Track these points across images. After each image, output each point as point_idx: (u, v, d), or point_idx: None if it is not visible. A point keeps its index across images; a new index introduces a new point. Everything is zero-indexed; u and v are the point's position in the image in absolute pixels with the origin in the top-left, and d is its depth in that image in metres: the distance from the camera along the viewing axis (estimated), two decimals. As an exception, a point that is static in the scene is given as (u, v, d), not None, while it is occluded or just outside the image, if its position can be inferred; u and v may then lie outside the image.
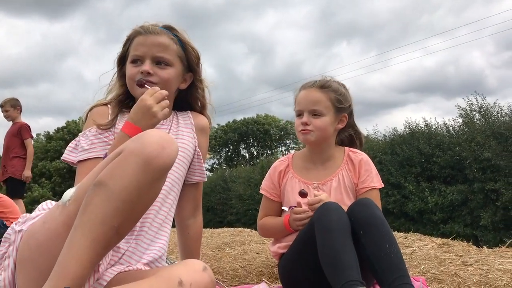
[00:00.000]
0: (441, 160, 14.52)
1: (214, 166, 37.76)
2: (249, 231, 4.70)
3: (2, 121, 5.55)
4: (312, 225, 1.70)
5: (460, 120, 15.44)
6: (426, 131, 15.81)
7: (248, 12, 75.34)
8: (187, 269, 1.24)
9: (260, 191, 2.10)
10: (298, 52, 73.56)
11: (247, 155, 39.54)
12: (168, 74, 1.63)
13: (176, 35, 1.68)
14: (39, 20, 74.35)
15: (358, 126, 2.13)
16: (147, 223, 1.53)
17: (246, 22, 74.25)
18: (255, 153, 39.14)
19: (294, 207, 1.91)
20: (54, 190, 31.91)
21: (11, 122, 5.47)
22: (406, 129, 16.51)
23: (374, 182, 1.97)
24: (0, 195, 3.87)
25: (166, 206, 1.61)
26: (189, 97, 1.80)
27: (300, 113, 2.01)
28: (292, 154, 2.14)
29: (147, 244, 1.52)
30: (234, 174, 24.14)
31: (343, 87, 2.05)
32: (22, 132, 5.30)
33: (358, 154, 2.03)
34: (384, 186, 2.04)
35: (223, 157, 39.40)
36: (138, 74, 1.61)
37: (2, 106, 5.39)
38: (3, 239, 1.37)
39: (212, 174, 27.72)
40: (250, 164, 31.98)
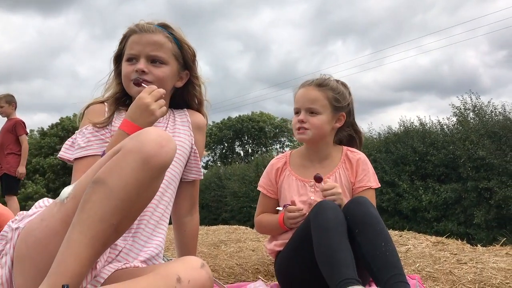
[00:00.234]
0: (435, 158, 14.58)
1: (209, 164, 37.72)
2: (244, 229, 4.69)
3: (-4, 117, 5.51)
4: (308, 223, 1.71)
5: (454, 119, 15.51)
6: (421, 130, 15.86)
7: (243, 9, 75.31)
8: (185, 266, 1.25)
9: (257, 188, 2.11)
10: (293, 50, 73.67)
11: (242, 153, 39.54)
12: (163, 72, 1.63)
13: (171, 33, 1.67)
14: (34, 15, 73.93)
15: (359, 123, 2.14)
16: (144, 221, 1.53)
17: (241, 19, 74.22)
18: (250, 150, 39.13)
19: (288, 205, 1.92)
20: (48, 186, 31.76)
21: (5, 119, 5.45)
22: (401, 127, 16.57)
23: (371, 181, 1.98)
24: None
25: (163, 204, 1.61)
26: (185, 94, 1.80)
27: (297, 111, 2.01)
28: (289, 152, 2.15)
29: (144, 241, 1.52)
30: (229, 172, 24.13)
31: (343, 86, 2.05)
32: (17, 128, 5.29)
33: (355, 154, 2.03)
34: (380, 186, 2.04)
35: (218, 154, 39.37)
36: (133, 72, 1.61)
37: None
38: (0, 237, 1.36)
39: (207, 171, 27.65)
40: (245, 161, 31.98)
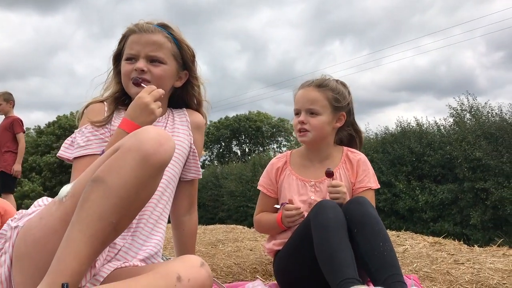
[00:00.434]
0: (431, 159, 14.61)
1: (206, 163, 37.69)
2: (241, 228, 4.70)
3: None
4: (308, 222, 1.71)
5: (451, 119, 15.55)
6: (418, 130, 15.89)
7: (241, 9, 75.26)
8: (185, 264, 1.25)
9: (257, 187, 2.12)
10: (291, 50, 73.68)
11: (239, 152, 39.54)
12: (161, 71, 1.64)
13: (170, 33, 1.68)
14: (31, 13, 73.69)
15: (358, 124, 2.14)
16: (144, 220, 1.54)
17: (239, 19, 74.16)
18: (247, 150, 39.14)
19: (286, 204, 1.92)
20: (44, 185, 31.70)
21: (3, 116, 5.43)
22: (398, 128, 16.61)
23: (371, 182, 1.99)
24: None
25: (162, 203, 1.61)
26: (184, 94, 1.81)
27: (297, 112, 2.02)
28: (290, 151, 2.15)
29: (143, 240, 1.52)
30: (226, 171, 24.12)
31: (342, 86, 2.05)
32: (14, 126, 5.28)
33: (356, 154, 2.04)
34: (380, 186, 2.05)
35: (215, 153, 39.35)
36: (132, 71, 1.62)
37: None
38: None
39: (203, 170, 27.62)
40: (242, 161, 31.96)
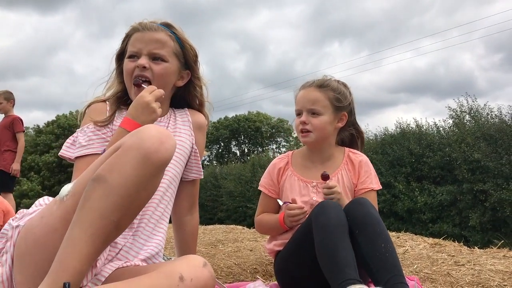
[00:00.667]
0: (431, 160, 14.64)
1: (205, 163, 37.67)
2: (241, 229, 4.70)
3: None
4: (309, 223, 1.71)
5: (450, 121, 15.60)
6: (417, 132, 15.92)
7: (241, 10, 75.31)
8: (188, 264, 1.25)
9: (258, 188, 2.11)
10: (290, 50, 73.77)
11: (238, 152, 39.55)
12: (162, 69, 1.64)
13: (174, 33, 1.68)
14: (31, 13, 73.69)
15: (360, 124, 2.14)
16: (145, 219, 1.53)
17: (239, 19, 74.20)
18: (246, 150, 39.15)
19: (289, 203, 1.91)
20: (43, 184, 31.70)
21: (2, 115, 5.43)
22: (397, 129, 16.64)
23: (373, 183, 1.99)
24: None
25: (163, 203, 1.61)
26: (186, 94, 1.80)
27: (299, 112, 2.01)
28: (291, 152, 2.14)
29: (144, 240, 1.52)
30: (225, 171, 24.14)
31: (343, 86, 2.05)
32: (14, 125, 5.27)
33: (358, 155, 2.04)
34: (381, 187, 2.05)
35: (214, 154, 39.35)
36: (134, 69, 1.62)
37: None
38: (1, 235, 1.36)
39: (203, 170, 27.61)
40: (241, 161, 31.99)
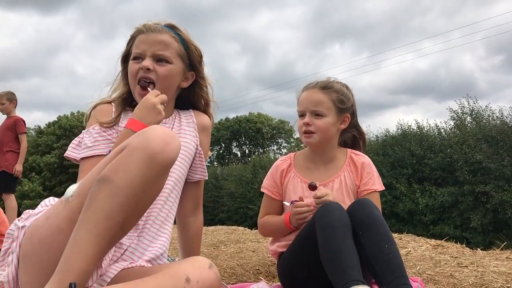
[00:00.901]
0: (432, 162, 14.64)
1: (206, 164, 37.61)
2: (243, 230, 4.70)
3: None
4: (312, 224, 1.71)
5: (451, 122, 15.60)
6: (418, 133, 15.93)
7: (242, 11, 75.37)
8: (194, 266, 1.26)
9: (261, 190, 2.11)
10: (291, 52, 73.71)
11: (239, 153, 39.56)
12: (167, 70, 1.64)
13: (178, 34, 1.68)
14: (32, 13, 73.75)
15: (361, 126, 2.14)
16: (150, 220, 1.54)
17: (240, 21, 74.25)
18: (247, 151, 39.15)
19: (296, 202, 1.91)
20: (44, 184, 31.70)
21: (5, 116, 5.44)
22: (398, 130, 16.65)
23: (376, 184, 1.99)
24: None
25: (168, 204, 1.61)
26: (191, 95, 1.81)
27: (302, 113, 2.01)
28: (294, 153, 2.14)
29: (149, 241, 1.52)
30: (226, 172, 24.16)
31: (346, 88, 2.06)
32: (17, 126, 5.28)
33: (360, 157, 2.04)
34: (384, 188, 2.05)
35: (215, 155, 39.35)
36: (138, 70, 1.63)
37: None
38: (6, 235, 1.37)
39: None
40: (242, 162, 31.99)
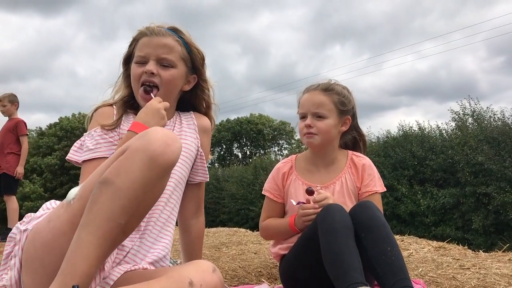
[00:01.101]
0: (433, 163, 14.62)
1: (207, 165, 37.62)
2: (244, 231, 4.70)
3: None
4: (314, 226, 1.71)
5: (453, 124, 15.58)
6: (419, 134, 15.91)
7: (243, 12, 75.41)
8: (197, 270, 1.25)
9: (263, 193, 2.10)
10: (292, 53, 73.75)
11: (240, 155, 39.56)
12: (170, 75, 1.65)
13: (181, 37, 1.69)
14: (33, 15, 73.87)
15: (361, 127, 2.15)
16: (152, 222, 1.54)
17: (240, 22, 74.30)
18: (248, 152, 39.14)
19: (303, 203, 1.90)
20: (45, 186, 31.69)
21: (6, 118, 5.45)
22: (400, 131, 16.64)
23: (377, 186, 1.99)
24: None
25: (169, 205, 1.61)
26: (193, 98, 1.81)
27: (303, 115, 2.01)
28: (295, 156, 2.14)
29: (151, 243, 1.52)
30: (227, 174, 24.16)
31: (346, 90, 2.06)
32: (18, 128, 5.28)
33: (361, 159, 2.04)
34: (385, 190, 2.05)
35: (216, 156, 39.35)
36: (142, 74, 1.63)
37: (0, 100, 5.35)
38: (8, 239, 1.37)
39: (205, 173, 27.53)
40: (243, 163, 31.98)
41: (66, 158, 1.63)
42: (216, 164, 38.36)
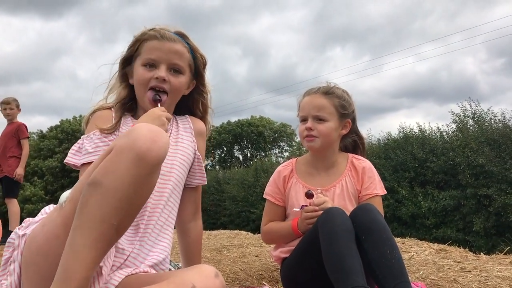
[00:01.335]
0: (434, 165, 14.59)
1: (208, 168, 37.64)
2: (245, 234, 4.70)
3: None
4: (315, 229, 1.71)
5: (453, 125, 15.54)
6: (420, 136, 15.89)
7: (243, 14, 75.47)
8: (200, 275, 1.24)
9: (264, 196, 2.11)
10: (292, 55, 73.74)
11: (241, 157, 39.52)
12: (179, 82, 1.66)
13: (188, 43, 1.69)
14: (34, 18, 74.01)
15: (361, 129, 2.16)
16: (151, 225, 1.52)
17: (241, 24, 74.36)
18: (249, 155, 39.12)
19: (306, 206, 1.90)
20: (46, 189, 31.69)
21: (5, 122, 5.50)
22: (400, 133, 16.61)
23: (377, 189, 1.99)
24: None
25: (168, 208, 1.60)
26: (190, 101, 1.81)
27: (304, 118, 2.02)
28: (295, 159, 2.15)
29: (151, 246, 1.51)
30: (228, 176, 24.13)
31: (346, 94, 2.07)
32: (20, 132, 5.34)
33: (361, 161, 2.04)
34: (386, 192, 2.05)
35: (217, 158, 39.35)
36: (152, 79, 1.62)
37: (8, 103, 5.40)
38: (7, 244, 1.36)
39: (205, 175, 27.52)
40: (244, 166, 31.97)
41: (64, 161, 1.61)
42: (217, 166, 38.38)
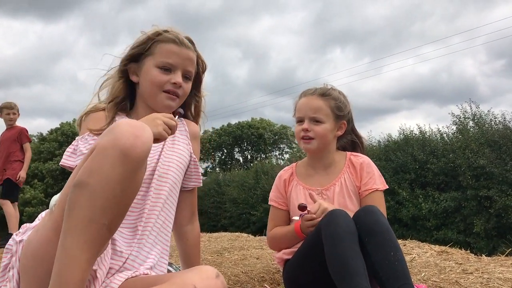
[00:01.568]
0: (435, 167, 14.59)
1: (208, 170, 37.63)
2: (246, 236, 4.69)
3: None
4: (318, 231, 1.71)
5: (454, 127, 15.55)
6: (420, 138, 15.89)
7: (243, 17, 75.60)
8: (201, 276, 1.24)
9: (269, 203, 2.12)
10: (292, 57, 73.79)
11: (241, 159, 39.52)
12: (188, 88, 1.70)
13: (195, 50, 1.72)
14: (34, 21, 74.17)
15: (358, 130, 2.17)
16: (149, 227, 1.52)
17: (241, 27, 74.45)
18: (249, 157, 39.12)
19: (305, 215, 1.90)
20: (46, 191, 31.66)
21: (5, 126, 5.54)
22: (401, 135, 16.61)
23: (377, 184, 1.97)
24: None
25: (165, 211, 1.60)
26: (184, 104, 1.81)
27: (300, 119, 2.03)
28: (295, 163, 2.18)
29: (149, 248, 1.50)
30: (228, 178, 24.12)
31: (342, 95, 2.10)
32: (22, 136, 5.41)
33: (359, 158, 2.04)
34: (388, 187, 2.03)
35: (217, 160, 39.34)
36: (167, 83, 1.63)
37: (11, 108, 5.45)
38: (6, 250, 1.36)
39: (206, 177, 27.56)
40: (244, 168, 31.98)
41: (60, 164, 1.59)
42: (217, 168, 38.35)
